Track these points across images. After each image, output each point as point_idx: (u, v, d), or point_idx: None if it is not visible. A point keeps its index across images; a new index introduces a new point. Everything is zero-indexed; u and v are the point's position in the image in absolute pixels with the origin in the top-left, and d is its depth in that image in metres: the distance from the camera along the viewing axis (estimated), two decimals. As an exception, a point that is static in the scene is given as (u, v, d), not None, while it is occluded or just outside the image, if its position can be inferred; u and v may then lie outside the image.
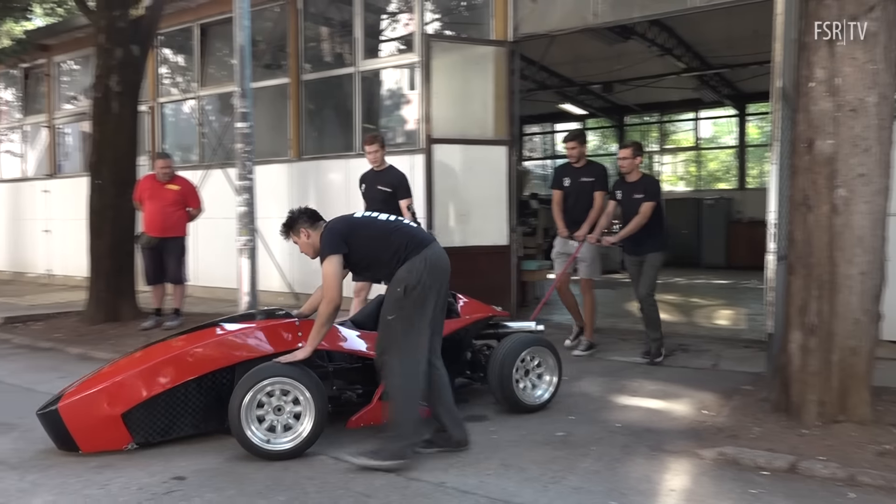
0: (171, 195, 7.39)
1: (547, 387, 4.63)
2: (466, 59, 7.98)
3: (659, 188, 5.98)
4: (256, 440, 3.67)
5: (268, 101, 9.98)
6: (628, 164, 5.87)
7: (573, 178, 6.24)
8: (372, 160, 6.34)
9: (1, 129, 14.17)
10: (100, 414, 3.80)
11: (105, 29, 7.75)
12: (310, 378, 3.76)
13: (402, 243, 3.79)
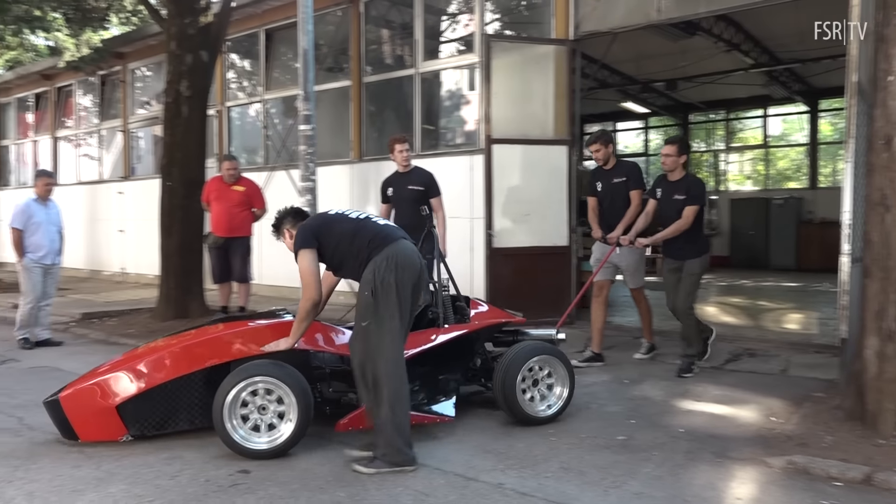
0: (237, 196, 7.55)
1: (556, 400, 4.35)
2: (526, 59, 7.94)
3: (704, 190, 5.52)
4: (237, 437, 3.69)
5: (330, 103, 10.16)
6: (671, 162, 5.45)
7: (605, 182, 5.91)
8: (402, 160, 6.24)
9: (80, 134, 14.85)
10: (96, 405, 3.92)
11: (176, 36, 8.03)
12: (294, 378, 3.73)
13: (366, 241, 3.72)
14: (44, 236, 7.00)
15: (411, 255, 3.74)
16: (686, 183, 5.42)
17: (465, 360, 4.62)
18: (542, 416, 4.29)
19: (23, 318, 7.03)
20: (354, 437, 3.87)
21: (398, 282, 3.61)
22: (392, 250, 3.68)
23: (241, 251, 7.62)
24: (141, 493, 3.25)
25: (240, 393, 3.68)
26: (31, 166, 16.45)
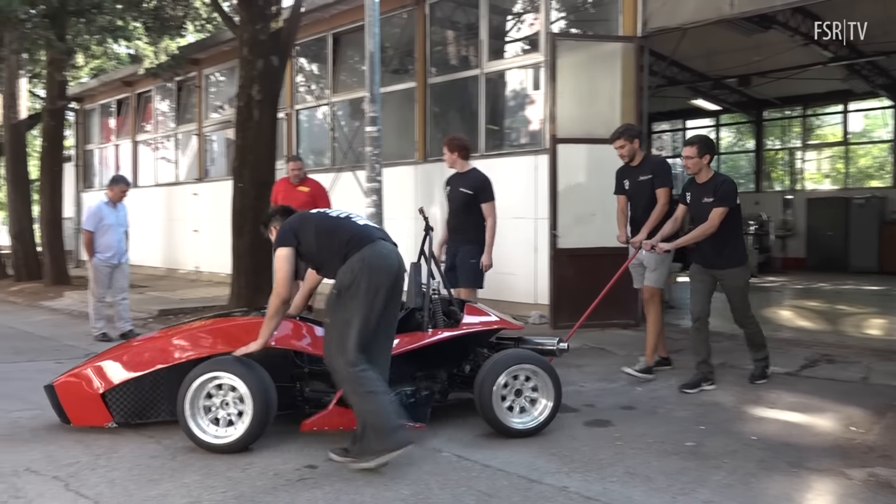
0: (302, 197, 7.53)
1: (538, 414, 4.08)
2: (593, 57, 7.84)
3: (733, 191, 4.99)
4: (197, 431, 3.79)
5: (395, 104, 10.27)
6: (693, 164, 5.01)
7: (631, 179, 5.61)
8: (449, 164, 6.05)
9: (157, 138, 15.49)
10: (84, 392, 4.12)
11: (248, 42, 8.28)
12: (254, 377, 3.76)
13: (344, 240, 3.69)
14: (112, 238, 7.42)
15: (387, 256, 3.70)
16: (713, 184, 4.97)
17: (449, 366, 4.42)
18: (519, 428, 4.03)
19: (95, 313, 7.45)
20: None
21: (369, 283, 3.59)
22: (367, 251, 3.66)
23: None
24: (213, 484, 3.36)
25: (203, 385, 3.79)
26: (113, 169, 17.26)
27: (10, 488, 3.30)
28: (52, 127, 13.68)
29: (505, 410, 4.02)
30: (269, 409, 3.80)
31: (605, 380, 5.44)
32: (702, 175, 5.04)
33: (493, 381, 3.97)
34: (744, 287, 5.09)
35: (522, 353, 4.19)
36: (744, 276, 5.09)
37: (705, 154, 5.01)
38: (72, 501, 3.16)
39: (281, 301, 3.79)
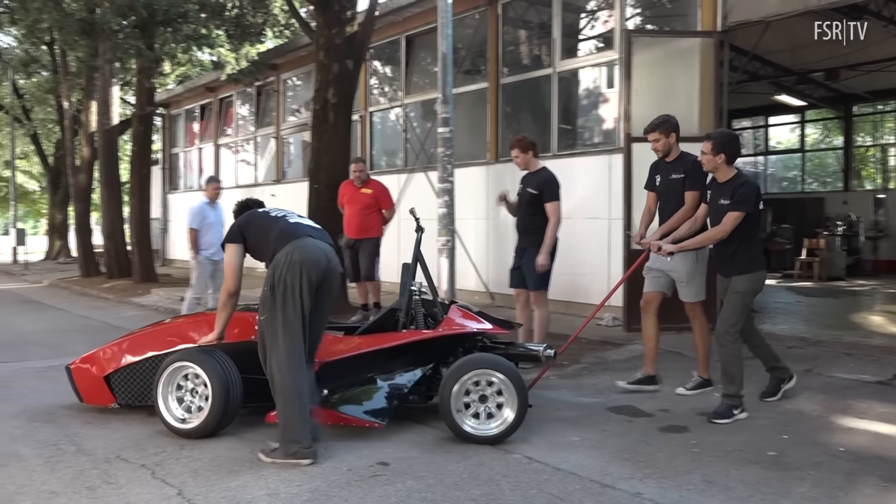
0: (365, 198, 7.69)
1: (501, 422, 3.94)
2: (669, 53, 7.65)
3: (752, 195, 4.45)
4: (170, 417, 4.09)
5: (467, 105, 10.30)
6: (708, 162, 4.57)
7: (663, 176, 5.20)
8: (522, 165, 5.88)
9: (238, 141, 16.05)
10: (91, 375, 4.56)
11: (324, 46, 8.48)
12: (214, 366, 3.99)
13: (276, 237, 3.81)
14: (214, 235, 7.71)
15: (314, 252, 3.77)
16: (732, 185, 4.49)
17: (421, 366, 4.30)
18: (479, 435, 3.93)
19: (188, 309, 7.73)
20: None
21: (294, 278, 3.68)
22: (292, 247, 3.75)
23: (369, 251, 7.73)
24: (289, 477, 3.46)
25: (174, 374, 4.12)
26: (197, 172, 18.00)
27: (102, 474, 3.49)
28: (141, 132, 14.38)
29: (464, 415, 3.96)
30: (230, 398, 4.00)
31: (680, 385, 5.28)
32: (721, 174, 4.58)
33: (451, 385, 3.93)
34: (742, 293, 4.48)
35: (484, 358, 4.07)
36: (747, 284, 4.49)
37: (721, 153, 4.52)
38: (158, 489, 3.31)
39: (228, 294, 4.01)
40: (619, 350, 6.44)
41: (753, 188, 4.51)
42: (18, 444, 3.98)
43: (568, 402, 4.84)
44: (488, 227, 9.49)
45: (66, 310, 10.41)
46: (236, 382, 4.05)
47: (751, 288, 4.53)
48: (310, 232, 3.94)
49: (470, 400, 3.97)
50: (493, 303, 9.44)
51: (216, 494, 3.23)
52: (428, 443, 3.98)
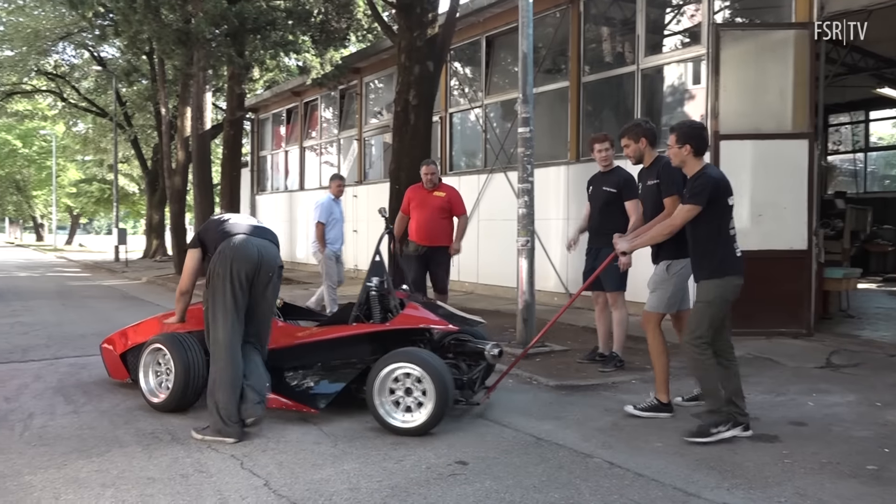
0: (439, 202, 7.10)
1: (421, 414, 4.05)
2: (761, 47, 7.34)
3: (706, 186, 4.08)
4: (147, 392, 4.72)
5: (547, 105, 10.21)
6: (675, 155, 4.26)
7: (642, 183, 4.98)
8: (602, 160, 5.76)
9: (322, 143, 16.48)
10: (112, 353, 5.30)
11: (405, 49, 8.60)
12: (177, 347, 4.51)
13: (218, 238, 4.25)
14: (339, 230, 8.20)
15: (245, 248, 4.16)
16: (692, 179, 4.18)
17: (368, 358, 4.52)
18: (397, 426, 4.11)
19: (331, 299, 8.19)
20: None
21: (225, 270, 4.10)
22: (226, 244, 4.18)
23: (444, 262, 7.13)
24: (371, 472, 3.53)
25: (150, 356, 4.72)
26: (283, 174, 18.60)
27: (195, 462, 3.67)
28: (232, 136, 14.99)
29: (386, 406, 4.15)
30: (190, 379, 4.49)
31: (771, 392, 5.07)
32: (689, 168, 4.24)
33: (374, 377, 4.15)
34: (706, 305, 4.09)
35: (407, 353, 4.19)
36: (714, 291, 4.09)
37: (686, 144, 4.19)
38: (246, 479, 3.44)
39: (180, 293, 4.60)
40: (704, 355, 6.22)
41: (710, 180, 4.12)
42: (119, 431, 4.23)
43: (650, 406, 4.72)
44: (568, 228, 9.38)
45: (161, 305, 10.96)
46: (199, 365, 4.50)
47: (719, 295, 4.09)
48: (246, 230, 4.34)
49: (397, 394, 4.16)
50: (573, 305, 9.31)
51: (300, 486, 3.34)
52: (507, 443, 3.98)
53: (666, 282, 4.54)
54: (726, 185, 4.19)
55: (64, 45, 24.50)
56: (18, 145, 39.63)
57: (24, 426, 4.31)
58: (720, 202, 4.14)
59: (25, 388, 5.29)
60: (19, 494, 3.25)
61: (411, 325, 4.59)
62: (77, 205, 44.33)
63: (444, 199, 7.16)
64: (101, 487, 3.33)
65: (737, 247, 4.21)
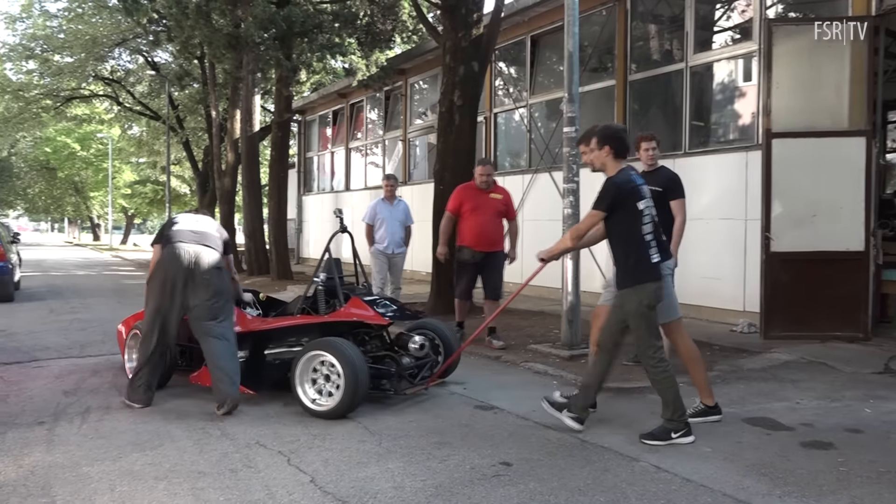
0: (495, 204, 6.77)
1: (333, 399, 4.47)
2: (815, 42, 7.12)
3: (609, 190, 4.05)
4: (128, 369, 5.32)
5: (593, 104, 10.10)
6: (595, 158, 4.23)
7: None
8: (647, 158, 5.67)
9: (367, 144, 16.63)
10: (121, 336, 5.95)
11: (450, 49, 8.61)
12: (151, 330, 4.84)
13: (164, 241, 4.83)
14: (386, 230, 8.20)
15: (177, 256, 4.70)
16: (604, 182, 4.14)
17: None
18: (313, 409, 4.52)
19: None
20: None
21: (157, 275, 4.75)
22: (167, 250, 4.77)
23: (499, 266, 6.80)
24: (415, 471, 3.55)
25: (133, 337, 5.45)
26: (329, 175, 18.84)
27: (244, 458, 3.74)
28: (280, 137, 15.24)
29: (306, 390, 4.58)
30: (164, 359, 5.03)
31: (824, 398, 4.92)
32: (609, 170, 4.18)
33: (297, 363, 4.59)
34: (634, 314, 4.01)
35: (325, 342, 4.56)
36: (634, 300, 4.01)
37: (605, 145, 4.16)
38: (293, 475, 3.50)
39: (146, 283, 4.97)
40: (754, 358, 6.08)
41: (612, 185, 4.06)
42: (172, 425, 4.35)
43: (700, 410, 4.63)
44: (614, 228, 9.26)
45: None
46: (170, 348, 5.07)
47: (638, 304, 4.01)
48: (185, 238, 4.82)
49: (320, 382, 4.56)
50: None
51: (346, 484, 3.38)
52: (552, 445, 3.95)
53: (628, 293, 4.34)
54: (633, 188, 4.07)
55: (120, 51, 25.29)
56: (77, 148, 41.13)
57: (83, 419, 4.47)
58: (627, 207, 4.05)
59: (83, 383, 5.48)
60: (77, 485, 3.37)
61: (345, 318, 4.97)
62: (131, 205, 45.74)
63: (500, 201, 6.83)
64: (154, 480, 3.43)
65: (651, 253, 4.07)
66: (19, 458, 3.73)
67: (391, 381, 4.79)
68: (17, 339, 7.62)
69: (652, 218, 4.11)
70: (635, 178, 4.13)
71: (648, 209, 4.09)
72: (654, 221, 4.13)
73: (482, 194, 6.77)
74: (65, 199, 47.63)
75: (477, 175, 6.80)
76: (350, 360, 4.38)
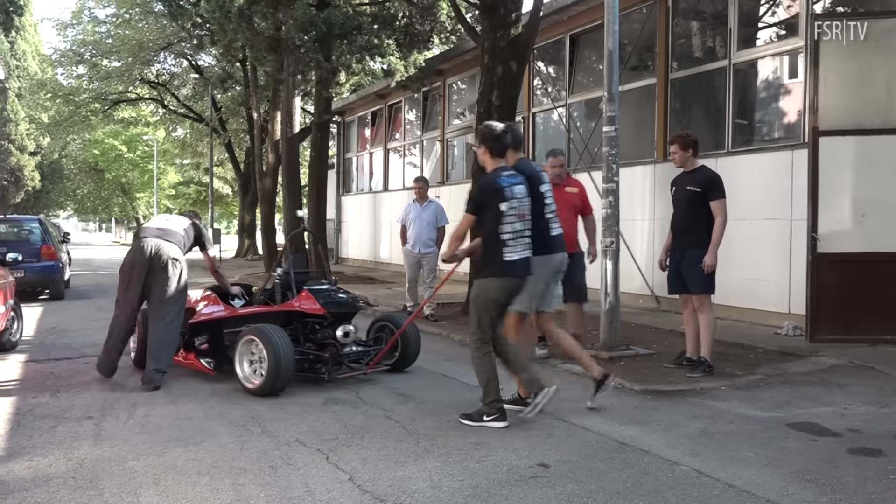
0: (572, 198, 6.13)
1: (260, 380, 5.03)
2: (865, 37, 6.91)
3: (475, 192, 4.43)
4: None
5: (632, 103, 9.98)
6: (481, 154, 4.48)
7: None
8: (678, 163, 5.68)
9: (406, 145, 16.71)
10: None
11: (488, 49, 8.60)
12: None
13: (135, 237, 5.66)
14: (414, 231, 8.62)
15: (138, 249, 5.50)
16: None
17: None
18: (246, 386, 5.10)
19: (409, 294, 8.88)
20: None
21: (124, 268, 5.55)
22: (134, 244, 5.64)
23: (582, 265, 6.14)
24: (452, 471, 3.55)
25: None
26: (368, 175, 18.98)
27: (283, 455, 3.80)
28: (319, 139, 15.41)
29: (243, 368, 5.17)
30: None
31: (874, 403, 4.78)
32: (487, 167, 4.49)
33: (236, 346, 5.23)
34: (474, 301, 4.39)
35: (256, 328, 5.13)
36: (476, 290, 4.37)
37: (482, 144, 4.43)
38: (331, 473, 3.54)
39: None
40: (799, 362, 5.94)
41: (482, 186, 4.36)
42: (213, 422, 4.43)
43: (741, 414, 4.54)
44: (654, 229, 9.14)
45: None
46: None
47: (479, 294, 4.34)
48: (149, 233, 5.61)
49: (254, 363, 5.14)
50: (658, 307, 9.08)
51: (384, 483, 3.40)
52: (590, 447, 3.92)
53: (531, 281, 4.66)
54: (496, 190, 4.28)
55: (165, 55, 25.91)
56: (124, 150, 42.27)
57: (129, 415, 4.59)
58: (490, 207, 4.27)
59: (129, 379, 5.63)
60: (124, 478, 3.46)
61: (288, 308, 5.59)
62: (175, 206, 46.77)
63: (576, 195, 6.18)
64: (197, 475, 3.50)
65: (506, 251, 4.29)
66: (69, 452, 3.85)
67: (327, 367, 5.32)
68: (68, 335, 7.86)
69: (518, 217, 4.31)
70: (504, 179, 4.31)
71: (513, 209, 4.28)
72: (522, 220, 4.34)
73: (555, 189, 5.61)
74: (112, 199, 48.98)
75: (548, 168, 5.97)
76: (274, 346, 4.92)
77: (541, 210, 4.58)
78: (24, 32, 37.16)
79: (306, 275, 6.22)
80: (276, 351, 4.91)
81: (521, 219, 4.32)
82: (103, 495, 3.25)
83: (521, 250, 4.32)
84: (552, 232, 4.71)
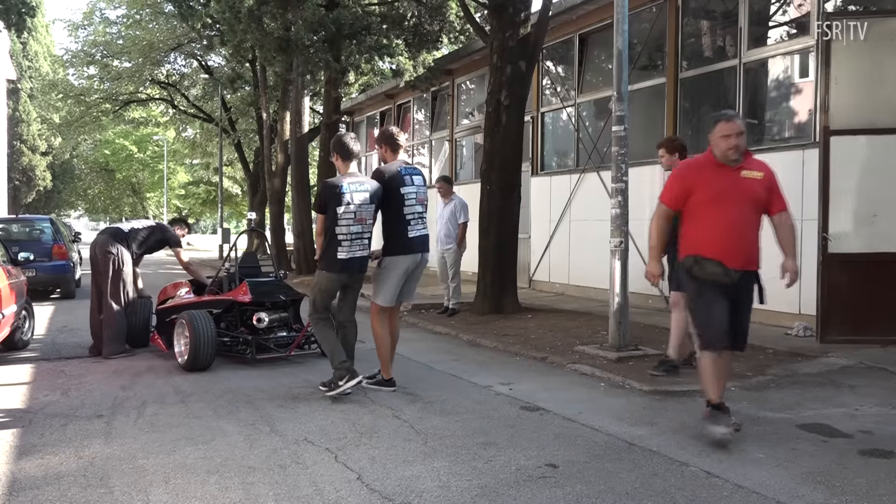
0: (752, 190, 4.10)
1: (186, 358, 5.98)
2: (878, 36, 6.87)
3: (320, 194, 5.05)
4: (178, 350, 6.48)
5: (641, 102, 9.95)
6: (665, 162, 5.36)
7: None
8: (663, 164, 5.73)
9: (414, 145, 16.71)
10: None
11: (497, 49, 8.59)
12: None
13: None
14: (437, 227, 8.77)
15: (94, 243, 6.61)
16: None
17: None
18: (178, 361, 6.03)
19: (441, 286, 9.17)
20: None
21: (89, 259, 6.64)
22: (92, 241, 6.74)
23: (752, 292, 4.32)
24: (460, 471, 3.55)
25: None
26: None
27: (292, 454, 3.81)
28: (328, 138, 15.42)
29: (179, 346, 6.09)
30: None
31: (885, 404, 4.75)
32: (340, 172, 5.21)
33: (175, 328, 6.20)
34: (314, 288, 5.15)
35: (186, 313, 6.02)
36: (317, 277, 5.17)
37: (333, 152, 5.09)
38: (340, 472, 3.54)
39: None
40: (810, 363, 5.90)
41: (323, 188, 5.00)
42: (223, 421, 4.45)
43: (751, 415, 4.52)
44: (664, 229, 9.10)
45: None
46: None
47: (316, 283, 5.16)
48: (103, 232, 6.78)
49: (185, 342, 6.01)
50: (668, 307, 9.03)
51: (392, 482, 3.40)
52: (598, 448, 3.91)
53: (381, 275, 5.20)
54: (332, 193, 4.91)
55: (175, 56, 26.05)
56: (134, 150, 42.50)
57: (139, 413, 4.61)
58: (329, 209, 4.91)
59: (139, 378, 5.66)
60: (134, 477, 3.47)
61: (224, 297, 6.47)
62: (185, 205, 47.01)
63: (760, 182, 4.08)
64: (207, 474, 3.51)
65: (340, 250, 4.94)
66: (80, 450, 3.88)
67: (249, 349, 6.15)
68: (78, 334, 7.91)
69: (358, 220, 4.93)
70: (347, 185, 4.91)
71: (349, 213, 4.90)
72: (362, 223, 4.96)
73: (728, 173, 4.05)
74: (122, 199, 49.24)
75: (719, 139, 4.02)
76: (195, 329, 5.81)
77: (398, 211, 5.07)
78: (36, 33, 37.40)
79: (256, 269, 7.02)
80: (196, 332, 5.81)
81: (360, 222, 4.96)
82: (113, 493, 3.27)
83: (356, 250, 4.99)
84: (410, 234, 5.13)
